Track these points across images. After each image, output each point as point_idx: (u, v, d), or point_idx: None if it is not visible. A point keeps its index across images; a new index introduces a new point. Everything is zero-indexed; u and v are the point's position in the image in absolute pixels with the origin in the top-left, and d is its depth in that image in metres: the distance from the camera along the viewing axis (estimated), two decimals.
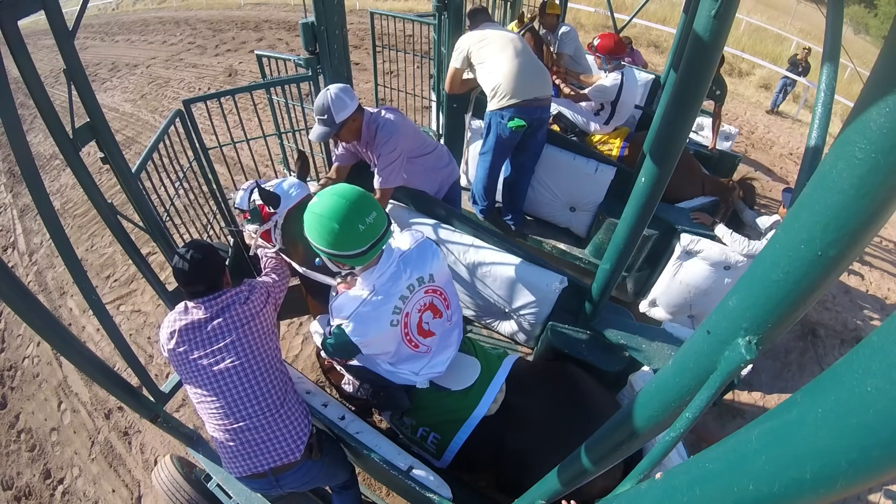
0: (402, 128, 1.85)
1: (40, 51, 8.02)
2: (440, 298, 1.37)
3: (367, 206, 1.15)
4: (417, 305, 1.30)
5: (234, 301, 1.31)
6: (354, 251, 1.14)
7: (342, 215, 1.11)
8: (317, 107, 1.73)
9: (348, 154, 2.01)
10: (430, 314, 1.34)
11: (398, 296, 1.24)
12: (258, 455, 1.29)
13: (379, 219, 1.16)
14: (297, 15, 9.76)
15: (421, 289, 1.30)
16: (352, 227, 1.11)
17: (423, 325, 1.33)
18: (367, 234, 1.14)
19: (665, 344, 1.71)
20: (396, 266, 1.25)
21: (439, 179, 2.17)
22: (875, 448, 0.29)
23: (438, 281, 1.35)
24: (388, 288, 1.22)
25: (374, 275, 1.23)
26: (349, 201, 1.12)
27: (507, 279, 1.89)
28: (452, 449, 1.41)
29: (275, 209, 1.56)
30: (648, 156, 1.34)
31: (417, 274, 1.29)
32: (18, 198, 4.91)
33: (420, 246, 1.32)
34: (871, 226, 0.34)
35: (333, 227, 1.11)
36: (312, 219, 1.15)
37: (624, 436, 0.70)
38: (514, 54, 2.24)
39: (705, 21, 1.07)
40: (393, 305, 1.23)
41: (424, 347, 1.35)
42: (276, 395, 1.31)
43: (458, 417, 1.38)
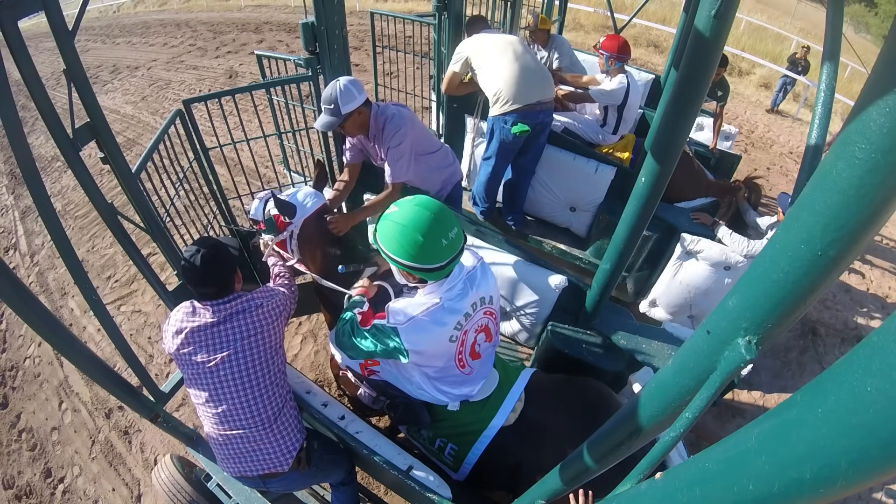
0: (410, 121, 1.86)
1: (41, 53, 8.04)
2: (494, 322, 1.33)
3: (450, 220, 1.12)
4: (476, 326, 1.26)
5: (247, 308, 1.26)
6: (434, 265, 1.11)
7: (427, 228, 1.08)
8: (325, 96, 1.73)
9: (356, 152, 2.01)
10: (483, 336, 1.30)
11: (463, 313, 1.19)
12: (248, 461, 1.31)
13: (459, 234, 1.13)
14: (297, 17, 9.77)
15: (482, 309, 1.26)
16: (436, 240, 1.09)
17: (476, 347, 1.29)
18: (448, 249, 1.11)
19: (665, 344, 1.71)
20: (464, 283, 1.21)
21: (443, 179, 2.17)
22: (875, 448, 0.29)
23: (495, 304, 1.32)
24: (454, 304, 1.18)
25: (443, 288, 1.18)
26: (434, 213, 1.10)
27: (508, 279, 1.89)
28: (470, 461, 1.38)
29: (290, 219, 1.55)
30: (648, 156, 1.34)
31: (481, 294, 1.25)
32: (20, 199, 4.92)
33: (482, 267, 1.29)
34: (871, 226, 0.34)
35: (417, 240, 1.08)
36: (393, 228, 1.11)
37: (624, 436, 0.70)
38: (514, 58, 2.23)
39: (705, 21, 1.07)
40: (456, 321, 1.18)
41: (469, 369, 1.30)
42: (272, 409, 1.31)
43: (476, 429, 1.35)
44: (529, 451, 1.34)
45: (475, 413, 1.37)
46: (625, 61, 2.78)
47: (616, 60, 2.75)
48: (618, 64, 2.77)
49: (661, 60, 7.67)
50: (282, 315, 1.36)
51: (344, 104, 1.71)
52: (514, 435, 1.35)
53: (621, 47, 2.73)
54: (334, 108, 1.71)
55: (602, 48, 2.77)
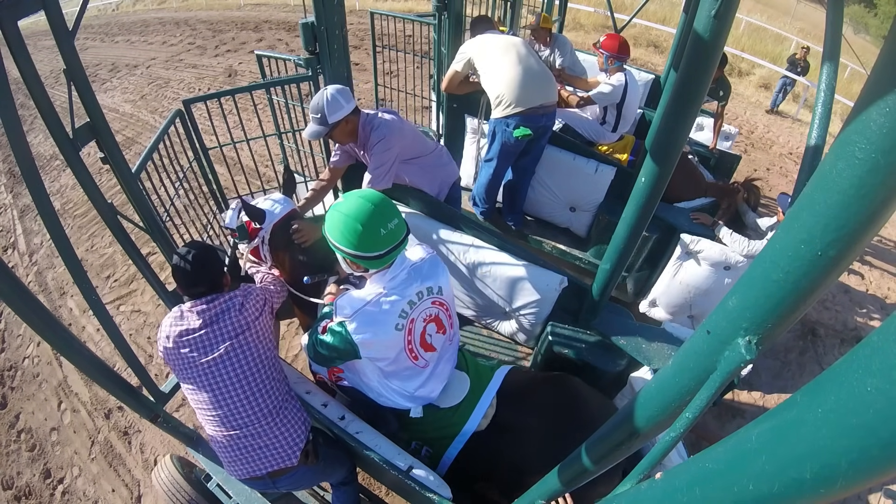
0: (397, 130, 1.84)
1: (41, 52, 8.02)
2: (445, 314, 1.36)
3: (390, 211, 1.18)
4: (423, 315, 1.29)
5: (229, 308, 1.29)
6: (374, 253, 1.16)
7: (367, 217, 1.14)
8: (312, 106, 1.73)
9: (345, 156, 2.00)
10: (434, 327, 1.33)
11: (407, 300, 1.24)
12: (255, 460, 1.30)
13: (400, 226, 1.19)
14: (296, 15, 9.76)
15: (429, 298, 1.29)
16: (374, 229, 1.14)
17: (427, 338, 1.32)
18: (387, 239, 1.16)
19: (665, 344, 1.71)
20: (408, 273, 1.26)
21: (439, 180, 2.17)
22: (875, 448, 0.29)
23: (445, 296, 1.35)
24: (398, 290, 1.23)
25: (386, 277, 1.24)
26: (374, 205, 1.15)
27: (508, 279, 1.89)
28: (445, 462, 1.41)
29: (260, 224, 1.58)
30: (648, 156, 1.34)
31: (428, 284, 1.29)
32: (19, 198, 4.91)
33: (431, 259, 1.34)
34: (871, 226, 0.34)
35: (357, 228, 1.13)
36: (337, 217, 1.17)
37: (624, 436, 0.70)
38: (516, 60, 2.22)
39: (705, 21, 1.07)
40: (401, 308, 1.22)
41: (423, 362, 1.33)
42: (273, 402, 1.31)
43: (448, 434, 1.38)
44: (505, 450, 1.36)
45: (447, 419, 1.38)
46: (624, 61, 2.80)
47: (615, 60, 2.77)
48: (616, 63, 2.78)
49: (661, 60, 7.68)
50: (264, 311, 1.38)
51: (331, 113, 1.71)
52: (488, 437, 1.37)
53: (620, 47, 2.74)
54: (321, 118, 1.72)
55: (602, 47, 2.78)
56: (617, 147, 2.98)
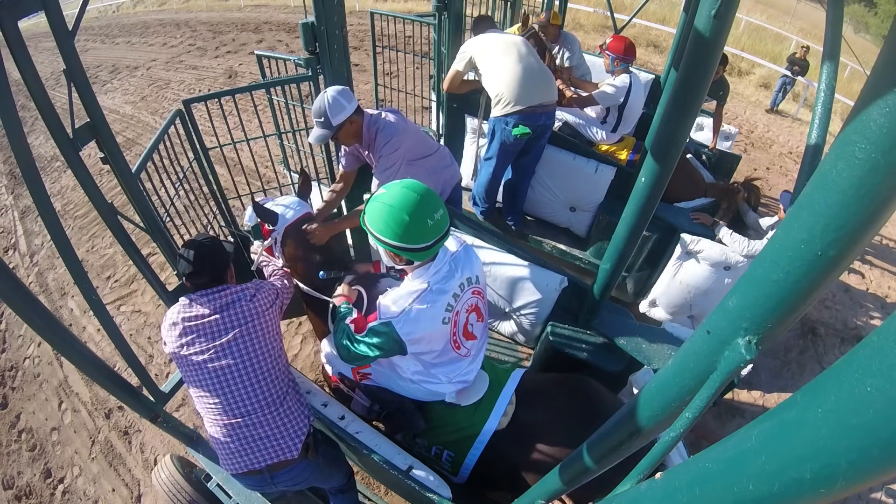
0: (402, 129, 1.84)
1: (41, 53, 8.04)
2: (482, 302, 1.36)
3: (435, 202, 1.15)
4: (466, 305, 1.29)
5: (240, 297, 1.30)
6: (420, 245, 1.14)
7: (413, 208, 1.11)
8: (314, 109, 1.73)
9: (353, 159, 2.00)
10: (475, 316, 1.33)
11: (451, 293, 1.22)
12: (255, 451, 1.29)
13: (444, 216, 1.16)
14: (296, 17, 9.77)
15: (469, 289, 1.29)
16: (421, 220, 1.11)
17: (469, 327, 1.32)
18: (434, 230, 1.13)
19: (665, 344, 1.71)
20: (449, 266, 1.24)
21: (442, 181, 2.17)
22: (875, 448, 0.29)
23: (481, 284, 1.35)
24: (442, 286, 1.20)
25: (430, 271, 1.21)
26: (420, 195, 1.13)
27: (508, 279, 1.89)
28: (468, 465, 1.39)
29: (272, 226, 1.58)
30: (648, 156, 1.34)
31: (467, 275, 1.28)
32: (20, 199, 4.92)
33: (466, 248, 1.33)
34: (871, 226, 0.34)
35: (403, 219, 1.10)
36: (381, 209, 1.13)
37: (624, 436, 0.70)
38: (517, 59, 2.22)
39: (705, 21, 1.07)
40: (446, 303, 1.21)
41: (465, 350, 1.33)
42: (275, 393, 1.32)
43: (470, 434, 1.36)
44: (526, 452, 1.34)
45: (467, 418, 1.37)
46: (630, 62, 2.80)
47: (621, 61, 2.77)
48: (623, 65, 2.78)
49: (661, 60, 7.67)
50: (275, 304, 1.39)
51: (334, 115, 1.70)
52: (509, 437, 1.36)
53: (627, 48, 2.75)
54: (325, 121, 1.71)
55: (608, 49, 2.79)
56: (617, 147, 2.98)
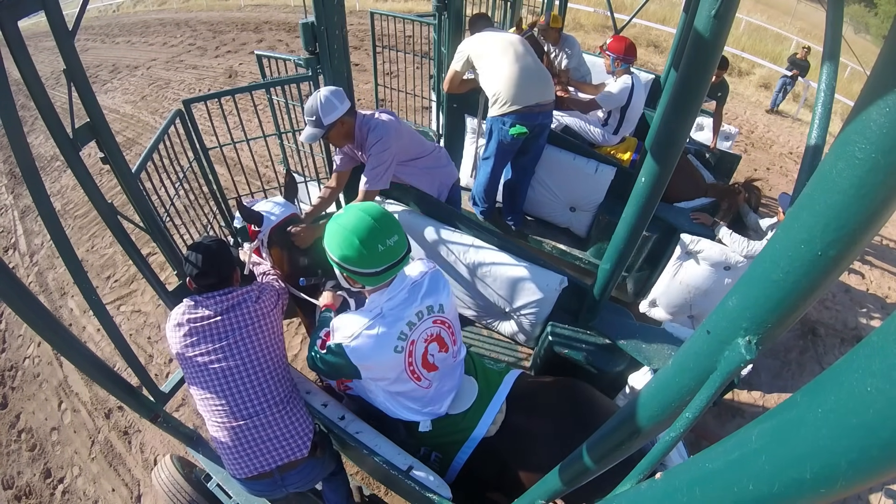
0: (394, 130, 1.84)
1: (41, 52, 8.03)
2: (448, 331, 1.31)
3: (391, 227, 1.14)
4: (424, 335, 1.25)
5: (245, 299, 1.31)
6: (370, 270, 1.13)
7: (366, 232, 1.10)
8: (307, 108, 1.74)
9: (347, 159, 2.00)
10: (436, 346, 1.29)
11: (406, 321, 1.20)
12: (264, 453, 1.28)
13: (399, 243, 1.15)
14: (297, 16, 9.76)
15: (429, 318, 1.25)
16: (372, 245, 1.10)
17: (429, 357, 1.27)
18: (385, 256, 1.12)
19: (665, 344, 1.71)
20: (407, 292, 1.21)
21: (438, 181, 2.16)
22: (875, 448, 0.29)
23: (448, 313, 1.30)
24: (396, 312, 1.18)
25: (384, 297, 1.20)
26: (374, 219, 1.12)
27: (508, 279, 1.89)
28: (454, 468, 1.38)
29: (258, 227, 1.59)
30: (648, 156, 1.34)
31: (427, 302, 1.24)
32: (20, 199, 4.92)
33: (432, 275, 1.29)
34: (871, 226, 0.34)
35: (354, 242, 1.10)
36: (335, 230, 1.14)
37: (624, 436, 0.70)
38: (514, 59, 2.22)
39: (705, 21, 1.06)
40: (399, 331, 1.18)
41: (426, 382, 1.29)
42: (281, 393, 1.32)
43: (458, 439, 1.35)
44: (514, 457, 1.33)
45: (456, 424, 1.36)
46: (630, 63, 2.78)
47: (622, 62, 2.75)
48: (623, 66, 2.77)
49: (661, 60, 7.68)
50: (277, 305, 1.40)
51: (325, 115, 1.70)
52: (497, 443, 1.34)
53: (627, 49, 2.73)
54: (316, 120, 1.72)
55: (609, 49, 2.77)
56: (619, 148, 2.97)
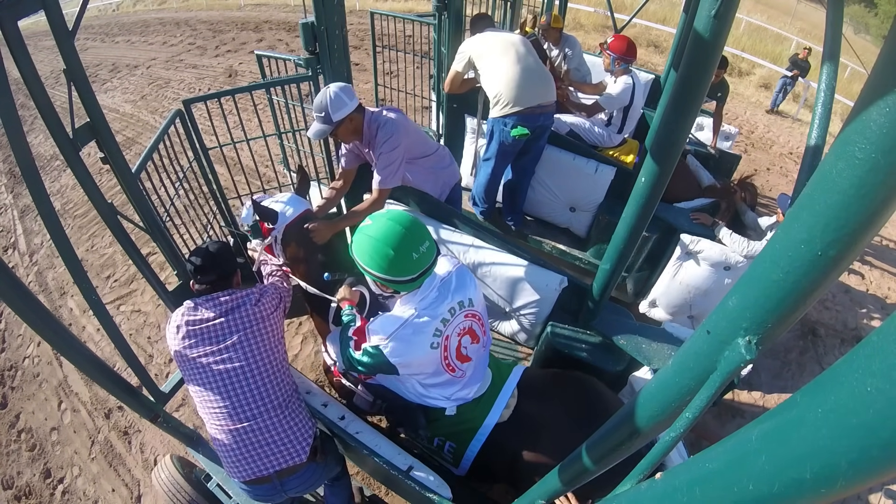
0: (403, 127, 1.84)
1: (41, 52, 8.03)
2: (478, 324, 1.36)
3: (421, 234, 1.17)
4: (458, 329, 1.29)
5: (246, 302, 1.30)
6: (406, 277, 1.16)
7: (398, 242, 1.13)
8: (316, 104, 1.73)
9: (352, 157, 2.00)
10: (468, 339, 1.33)
11: (440, 318, 1.23)
12: (263, 458, 1.28)
13: (430, 248, 1.18)
14: (297, 16, 9.76)
15: (461, 313, 1.29)
16: (406, 254, 1.13)
17: (462, 350, 1.32)
18: (419, 262, 1.16)
19: (665, 344, 1.71)
20: (438, 290, 1.25)
21: (441, 181, 2.16)
22: (875, 448, 0.29)
23: (477, 306, 1.34)
24: (430, 311, 1.22)
25: (417, 297, 1.23)
26: (406, 228, 1.14)
27: (508, 279, 1.89)
28: (468, 457, 1.40)
29: (272, 225, 1.57)
30: (648, 156, 1.34)
31: (458, 298, 1.28)
32: (19, 198, 4.91)
33: (459, 271, 1.33)
34: (871, 226, 0.34)
35: (388, 253, 1.12)
36: (366, 242, 1.16)
37: (624, 436, 0.70)
38: (515, 60, 2.21)
39: (705, 21, 1.06)
40: (434, 328, 1.22)
41: (460, 372, 1.33)
42: (281, 397, 1.31)
43: (471, 427, 1.38)
44: (526, 444, 1.36)
45: (469, 411, 1.39)
46: (630, 62, 2.77)
47: (622, 62, 2.74)
48: (623, 65, 2.75)
49: (661, 60, 7.68)
50: (279, 307, 1.39)
51: (335, 111, 1.70)
52: (510, 429, 1.38)
53: (628, 48, 2.72)
54: (325, 116, 1.71)
55: (610, 49, 2.75)
56: (622, 150, 2.96)
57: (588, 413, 1.37)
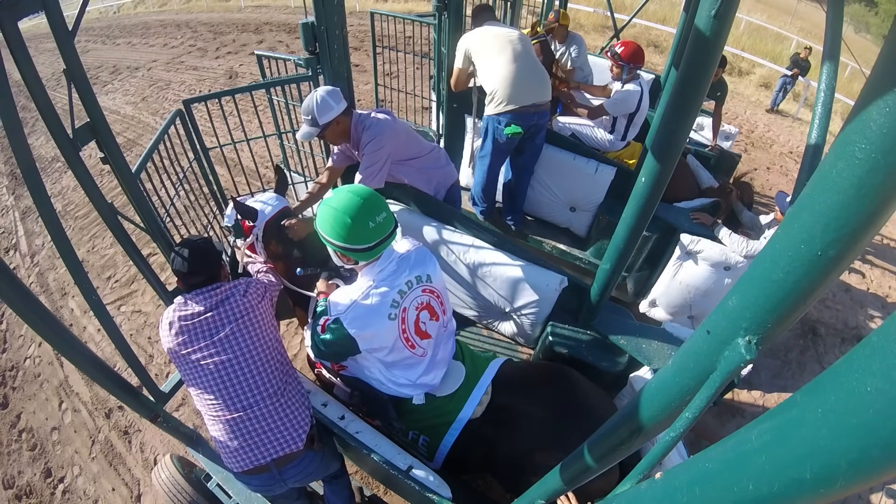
0: (389, 129, 1.84)
1: (41, 54, 8.04)
2: (437, 301, 1.39)
3: (378, 205, 1.22)
4: (415, 303, 1.33)
5: (233, 293, 1.32)
6: (362, 246, 1.21)
7: (355, 211, 1.18)
8: (303, 107, 1.76)
9: (342, 157, 2.01)
10: (427, 314, 1.37)
11: (397, 290, 1.28)
12: (259, 446, 1.28)
13: (388, 219, 1.23)
14: (297, 17, 9.77)
15: (419, 287, 1.33)
16: (363, 222, 1.18)
17: (421, 325, 1.35)
18: (376, 232, 1.21)
19: (665, 344, 1.71)
20: (396, 264, 1.31)
21: (434, 182, 2.15)
22: (875, 448, 0.29)
23: (435, 283, 1.38)
24: (387, 282, 1.27)
25: (376, 269, 1.29)
26: (363, 198, 1.20)
27: (508, 279, 1.89)
28: (442, 451, 1.43)
29: (253, 222, 1.62)
30: (649, 156, 1.34)
31: (416, 273, 1.33)
32: (20, 200, 4.92)
33: (418, 250, 1.38)
34: (871, 226, 0.34)
35: (346, 221, 1.18)
36: (327, 212, 1.21)
37: (624, 436, 0.70)
38: (511, 58, 2.21)
39: (705, 21, 1.06)
40: (391, 298, 1.26)
41: (420, 350, 1.36)
42: (275, 385, 1.32)
43: (444, 421, 1.41)
44: (501, 436, 1.38)
45: (443, 406, 1.42)
46: (639, 68, 2.73)
47: (633, 69, 2.70)
48: (634, 72, 2.71)
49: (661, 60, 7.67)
50: (265, 297, 1.41)
51: (321, 115, 1.73)
52: (484, 423, 1.40)
53: (635, 54, 2.67)
54: (312, 119, 1.75)
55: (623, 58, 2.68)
56: (624, 154, 2.94)
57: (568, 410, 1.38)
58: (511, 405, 1.40)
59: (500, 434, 1.38)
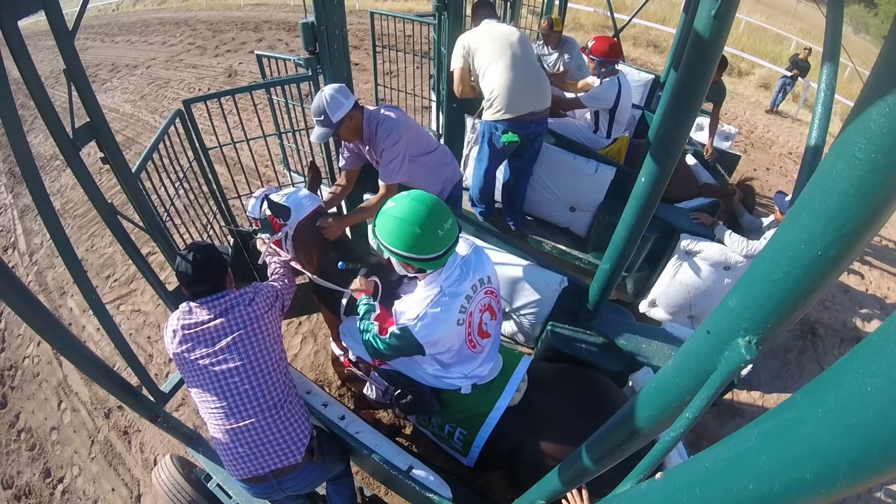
0: (403, 123, 1.84)
1: (41, 52, 8.02)
2: (495, 301, 1.40)
3: (444, 212, 1.20)
4: (479, 306, 1.34)
5: (239, 302, 1.31)
6: (431, 255, 1.19)
7: (424, 220, 1.16)
8: (313, 109, 1.74)
9: (354, 157, 2.00)
10: (488, 315, 1.38)
11: (464, 295, 1.27)
12: (259, 457, 1.28)
13: (454, 225, 1.22)
14: (296, 16, 9.76)
15: (482, 289, 1.33)
16: (432, 231, 1.16)
17: (483, 326, 1.36)
18: (444, 239, 1.19)
19: (665, 344, 1.71)
20: (460, 269, 1.29)
21: (442, 179, 2.16)
22: (875, 448, 0.29)
23: (494, 284, 1.39)
24: (454, 289, 1.25)
25: (441, 276, 1.26)
26: (429, 207, 1.18)
27: (508, 279, 1.89)
28: (478, 444, 1.43)
29: (285, 221, 1.58)
30: (648, 156, 1.34)
31: (479, 275, 1.32)
32: (19, 198, 4.91)
33: (476, 251, 1.37)
34: (871, 226, 0.34)
35: (415, 232, 1.15)
36: (391, 222, 1.18)
37: (624, 436, 0.70)
38: (510, 64, 2.19)
39: (705, 21, 1.07)
40: (460, 305, 1.26)
41: (480, 348, 1.38)
42: (277, 397, 1.31)
43: (483, 410, 1.41)
44: (532, 431, 1.39)
45: (481, 395, 1.42)
46: (616, 63, 2.71)
47: (607, 63, 2.67)
48: (609, 67, 2.69)
49: (660, 60, 7.68)
50: (274, 306, 1.39)
51: (333, 112, 1.71)
52: (518, 416, 1.41)
53: (611, 49, 2.65)
54: (325, 119, 1.72)
55: (592, 52, 2.68)
56: (612, 150, 2.94)
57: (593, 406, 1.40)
58: (545, 399, 1.43)
59: (531, 428, 1.40)
